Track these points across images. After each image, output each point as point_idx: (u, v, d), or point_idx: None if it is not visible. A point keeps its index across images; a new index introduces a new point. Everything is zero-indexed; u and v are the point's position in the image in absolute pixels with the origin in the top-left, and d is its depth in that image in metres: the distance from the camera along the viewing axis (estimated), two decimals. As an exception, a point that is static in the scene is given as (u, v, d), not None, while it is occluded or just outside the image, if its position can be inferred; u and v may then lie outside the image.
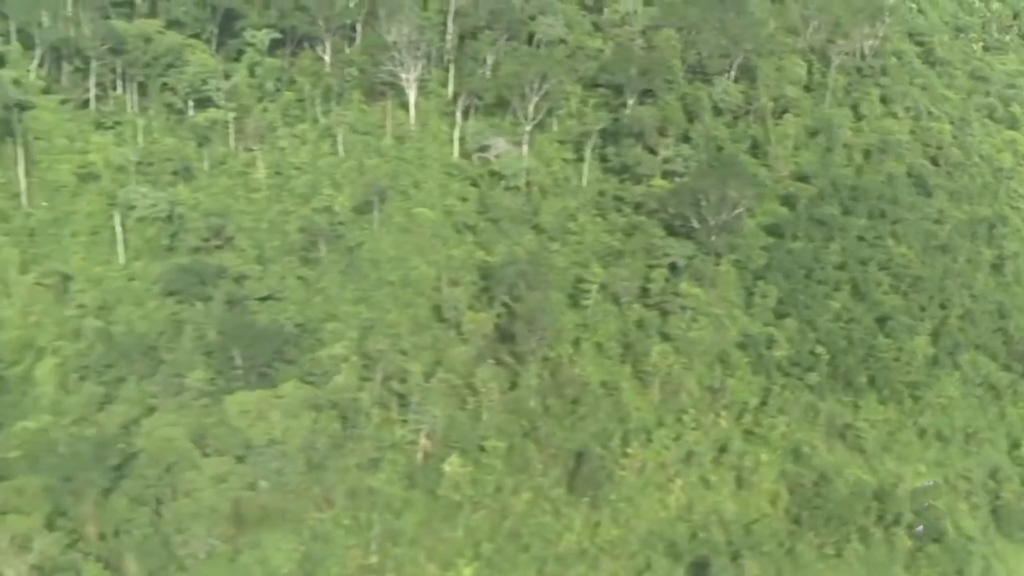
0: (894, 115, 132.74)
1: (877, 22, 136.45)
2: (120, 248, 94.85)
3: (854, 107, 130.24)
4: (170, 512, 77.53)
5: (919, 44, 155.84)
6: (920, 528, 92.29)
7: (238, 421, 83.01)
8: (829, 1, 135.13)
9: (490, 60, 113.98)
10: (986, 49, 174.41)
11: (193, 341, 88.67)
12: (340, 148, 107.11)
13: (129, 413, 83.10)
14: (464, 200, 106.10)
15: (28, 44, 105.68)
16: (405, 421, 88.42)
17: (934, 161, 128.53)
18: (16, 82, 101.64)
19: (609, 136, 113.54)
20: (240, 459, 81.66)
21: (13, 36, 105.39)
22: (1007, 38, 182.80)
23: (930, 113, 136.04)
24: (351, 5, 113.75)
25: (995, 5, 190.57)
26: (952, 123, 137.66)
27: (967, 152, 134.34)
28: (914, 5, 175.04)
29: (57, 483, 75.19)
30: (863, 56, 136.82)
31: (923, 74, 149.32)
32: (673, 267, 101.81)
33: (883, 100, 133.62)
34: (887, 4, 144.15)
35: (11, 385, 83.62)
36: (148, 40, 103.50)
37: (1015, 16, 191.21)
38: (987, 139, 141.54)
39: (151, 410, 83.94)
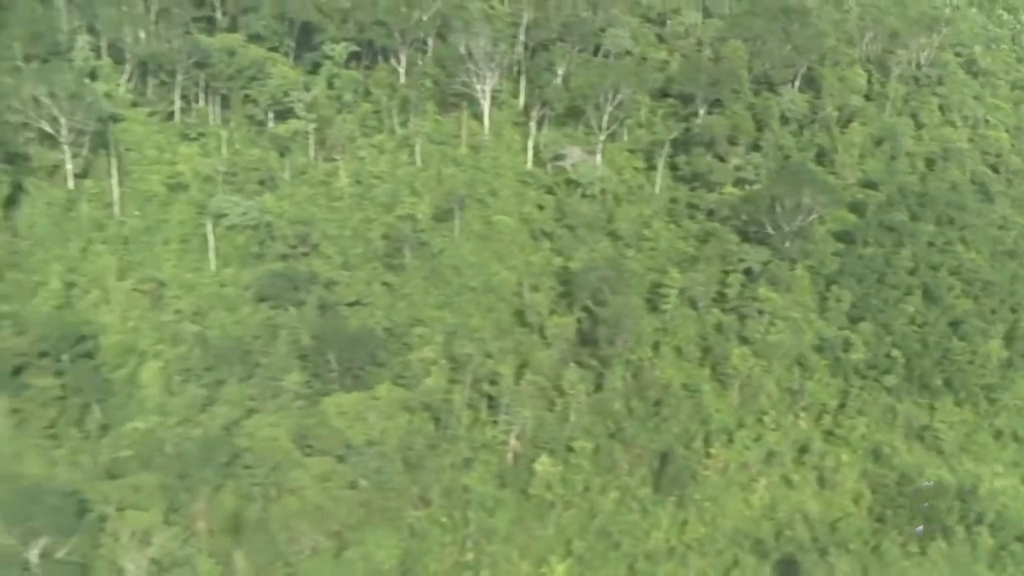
0: (952, 124, 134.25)
1: (933, 32, 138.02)
2: (211, 255, 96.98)
3: (913, 116, 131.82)
4: (277, 509, 79.63)
5: (958, 55, 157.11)
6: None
7: (337, 422, 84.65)
8: (885, 12, 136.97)
9: (561, 71, 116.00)
10: (1019, 60, 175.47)
11: (288, 345, 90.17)
12: (417, 158, 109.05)
13: (231, 414, 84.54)
14: (541, 208, 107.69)
15: (118, 59, 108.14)
16: (495, 422, 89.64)
17: (994, 168, 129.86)
18: (108, 95, 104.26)
19: (679, 145, 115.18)
20: (341, 459, 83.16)
21: (104, 51, 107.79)
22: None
23: (987, 121, 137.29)
24: (425, 18, 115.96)
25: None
26: (1008, 131, 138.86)
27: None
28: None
29: (171, 480, 77.27)
30: (919, 66, 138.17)
31: (968, 84, 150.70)
32: (748, 272, 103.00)
33: (941, 109, 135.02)
34: (943, 15, 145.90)
35: (117, 387, 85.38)
36: (232, 54, 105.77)
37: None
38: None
39: (251, 411, 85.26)
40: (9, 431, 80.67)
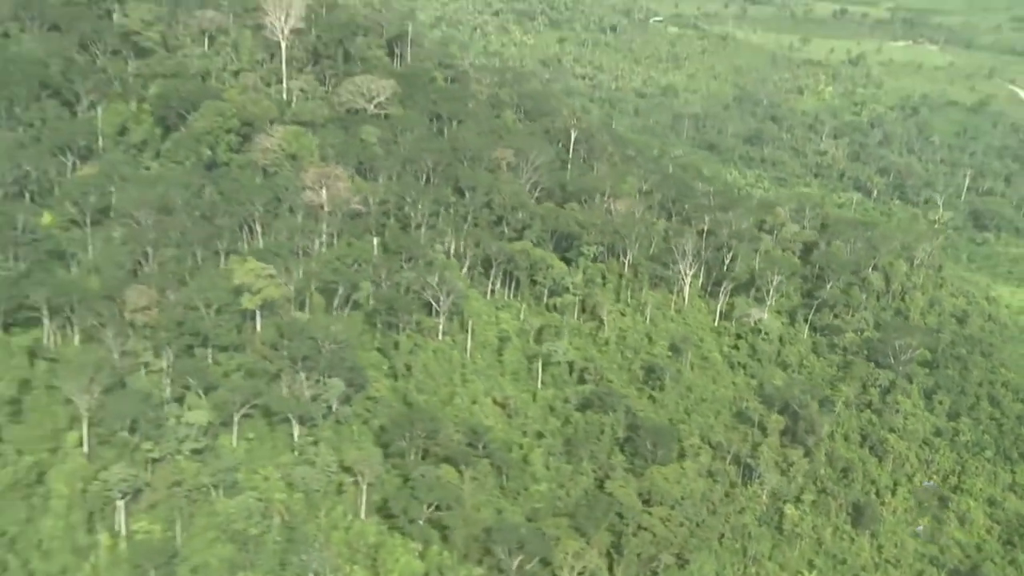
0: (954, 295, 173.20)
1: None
2: (539, 382, 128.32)
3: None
4: (636, 542, 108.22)
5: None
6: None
7: (661, 484, 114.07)
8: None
9: (727, 259, 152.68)
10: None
11: (609, 437, 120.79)
12: (647, 317, 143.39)
13: (588, 483, 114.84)
14: (736, 348, 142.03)
15: (459, 259, 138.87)
16: (750, 484, 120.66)
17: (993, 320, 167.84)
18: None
19: (810, 307, 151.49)
20: (671, 507, 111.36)
21: (451, 252, 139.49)
22: None
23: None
24: (645, 230, 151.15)
25: None
26: None
27: None
28: None
29: (569, 524, 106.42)
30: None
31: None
32: (882, 388, 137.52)
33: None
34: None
35: (513, 464, 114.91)
36: (527, 254, 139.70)
37: None
38: None
39: (600, 480, 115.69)
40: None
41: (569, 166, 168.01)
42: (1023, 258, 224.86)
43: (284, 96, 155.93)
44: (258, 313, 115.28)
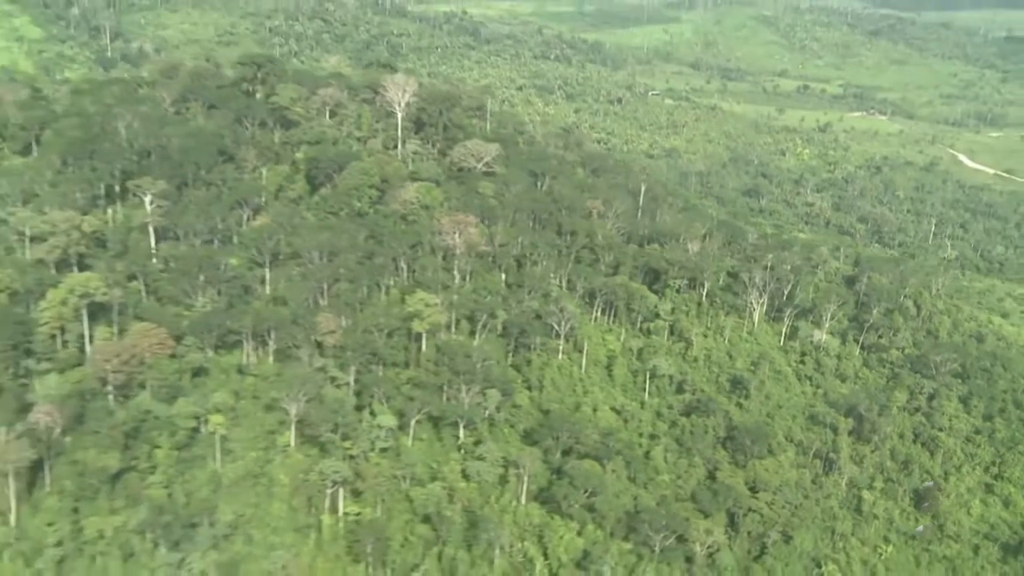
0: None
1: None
2: (646, 393, 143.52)
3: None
4: (750, 520, 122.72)
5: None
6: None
7: (763, 475, 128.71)
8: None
9: (787, 290, 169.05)
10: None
11: (712, 437, 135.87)
12: (726, 338, 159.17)
13: (701, 474, 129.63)
14: (802, 363, 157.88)
15: (571, 289, 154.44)
16: (829, 475, 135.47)
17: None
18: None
19: (860, 329, 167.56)
20: (773, 493, 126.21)
21: (563, 285, 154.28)
22: None
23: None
24: (715, 265, 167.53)
25: None
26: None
27: None
28: None
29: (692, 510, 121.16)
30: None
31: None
32: (928, 395, 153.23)
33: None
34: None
35: (635, 458, 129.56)
36: (625, 287, 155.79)
37: None
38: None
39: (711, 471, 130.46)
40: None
41: (640, 213, 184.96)
42: (987, 290, 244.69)
43: (400, 157, 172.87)
44: (424, 336, 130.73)
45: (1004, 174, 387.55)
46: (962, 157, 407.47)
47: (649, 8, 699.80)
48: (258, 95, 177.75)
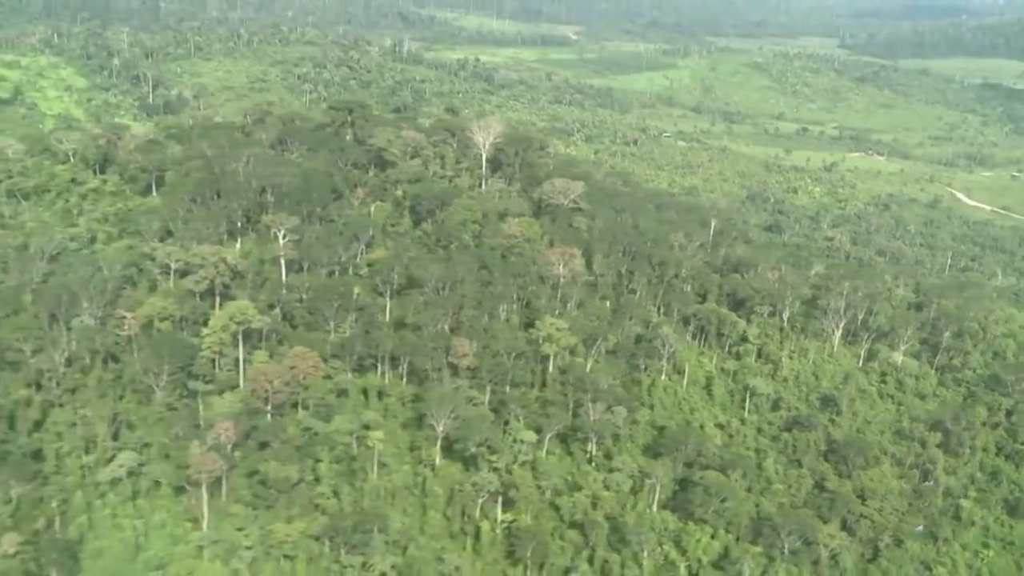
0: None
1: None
2: (745, 410, 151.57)
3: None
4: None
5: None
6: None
7: (868, 483, 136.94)
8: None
9: (861, 315, 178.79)
10: None
11: (815, 450, 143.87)
12: (811, 360, 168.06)
13: (808, 484, 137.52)
14: (883, 382, 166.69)
15: (667, 315, 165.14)
16: (926, 484, 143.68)
17: None
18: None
19: (933, 351, 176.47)
20: (881, 499, 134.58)
21: (660, 311, 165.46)
22: None
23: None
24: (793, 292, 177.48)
25: None
26: None
27: None
28: None
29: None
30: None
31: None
32: (1007, 411, 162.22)
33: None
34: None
35: (744, 464, 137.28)
36: (716, 313, 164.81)
37: None
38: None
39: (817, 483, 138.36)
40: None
41: (711, 245, 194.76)
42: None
43: (486, 195, 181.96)
44: (552, 358, 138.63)
45: (1001, 211, 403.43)
46: (959, 195, 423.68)
47: (647, 55, 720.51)
48: (347, 137, 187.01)
